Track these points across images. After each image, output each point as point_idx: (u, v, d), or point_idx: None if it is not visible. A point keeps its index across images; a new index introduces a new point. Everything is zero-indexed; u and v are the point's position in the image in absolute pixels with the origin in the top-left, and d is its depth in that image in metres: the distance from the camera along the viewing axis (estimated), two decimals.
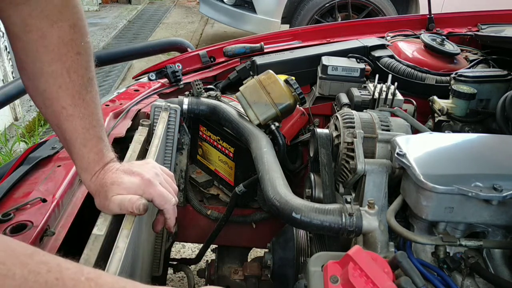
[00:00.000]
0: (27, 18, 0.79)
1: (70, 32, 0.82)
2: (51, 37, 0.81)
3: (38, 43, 0.81)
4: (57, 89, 0.83)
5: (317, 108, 1.61)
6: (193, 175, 1.64)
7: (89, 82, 0.86)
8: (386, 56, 1.72)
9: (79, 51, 0.84)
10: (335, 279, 0.75)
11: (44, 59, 0.82)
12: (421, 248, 0.95)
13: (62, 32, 0.82)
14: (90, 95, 0.86)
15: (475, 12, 2.14)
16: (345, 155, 1.13)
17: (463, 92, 1.38)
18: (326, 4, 4.25)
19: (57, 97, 0.84)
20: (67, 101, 0.84)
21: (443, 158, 0.96)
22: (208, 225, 1.56)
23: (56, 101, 0.84)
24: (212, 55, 1.76)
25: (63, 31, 0.82)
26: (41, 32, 0.80)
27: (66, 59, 0.83)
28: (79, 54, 0.84)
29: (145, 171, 0.89)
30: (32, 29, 0.80)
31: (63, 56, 0.82)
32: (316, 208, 0.97)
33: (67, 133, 0.86)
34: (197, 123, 1.59)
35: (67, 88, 0.83)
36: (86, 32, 0.86)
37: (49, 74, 0.83)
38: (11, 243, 0.54)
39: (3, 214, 0.86)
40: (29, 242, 0.79)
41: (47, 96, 0.84)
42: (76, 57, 0.84)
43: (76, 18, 0.83)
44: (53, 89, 0.83)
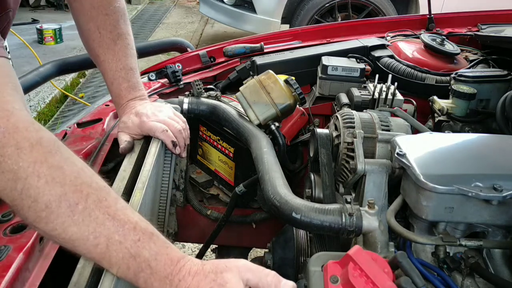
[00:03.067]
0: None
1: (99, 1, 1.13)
2: (85, 3, 1.12)
3: (78, 9, 1.14)
4: (92, 42, 1.15)
5: (317, 108, 1.61)
6: (193, 175, 1.64)
7: (118, 37, 1.15)
8: (386, 56, 1.72)
9: (107, 13, 1.14)
10: (335, 279, 0.75)
11: (82, 20, 1.15)
12: (421, 248, 0.95)
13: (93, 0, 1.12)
14: (118, 46, 1.15)
15: (475, 12, 2.14)
16: (345, 155, 1.13)
17: (463, 92, 1.38)
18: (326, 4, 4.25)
19: (93, 47, 1.16)
20: (99, 50, 1.15)
21: (443, 158, 0.96)
22: (208, 225, 1.56)
23: (92, 51, 1.17)
24: (212, 55, 1.76)
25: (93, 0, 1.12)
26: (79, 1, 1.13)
27: (96, 19, 1.13)
28: (107, 15, 1.14)
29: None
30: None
31: (94, 17, 1.13)
32: (316, 208, 0.97)
33: (102, 73, 1.18)
34: (197, 123, 1.59)
35: (99, 41, 1.14)
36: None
37: (86, 31, 1.15)
38: None
39: (3, 214, 0.86)
40: (29, 242, 0.79)
41: (87, 47, 1.18)
42: (104, 17, 1.13)
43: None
44: (89, 42, 1.16)
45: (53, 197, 0.68)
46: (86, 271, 0.75)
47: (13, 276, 0.72)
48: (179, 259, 0.73)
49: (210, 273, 0.71)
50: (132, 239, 0.70)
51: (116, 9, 1.15)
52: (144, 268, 0.70)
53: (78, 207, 0.69)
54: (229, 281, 0.70)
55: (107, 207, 0.71)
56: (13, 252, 0.77)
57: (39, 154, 0.70)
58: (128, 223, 0.71)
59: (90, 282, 0.75)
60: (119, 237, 0.70)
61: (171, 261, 0.72)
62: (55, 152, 0.72)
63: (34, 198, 0.68)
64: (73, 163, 0.73)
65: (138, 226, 0.72)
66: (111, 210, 0.71)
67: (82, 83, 4.69)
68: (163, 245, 0.73)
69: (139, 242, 0.71)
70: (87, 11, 1.12)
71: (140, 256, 0.70)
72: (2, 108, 0.70)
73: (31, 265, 0.79)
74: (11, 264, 0.74)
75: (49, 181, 0.69)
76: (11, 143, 0.69)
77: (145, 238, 0.71)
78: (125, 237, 0.70)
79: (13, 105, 0.72)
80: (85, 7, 1.12)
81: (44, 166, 0.69)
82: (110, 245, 0.70)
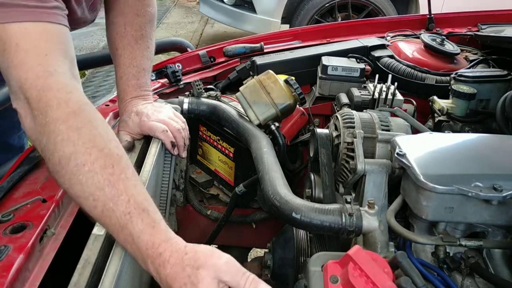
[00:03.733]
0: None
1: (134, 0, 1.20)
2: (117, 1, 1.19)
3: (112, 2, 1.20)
4: (115, 34, 1.20)
5: (317, 108, 1.61)
6: (193, 175, 1.64)
7: (141, 38, 1.20)
8: (386, 56, 1.72)
9: (137, 13, 1.20)
10: (335, 279, 0.75)
11: (113, 13, 1.21)
12: (421, 248, 0.95)
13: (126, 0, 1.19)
14: (138, 46, 1.20)
15: (475, 12, 2.14)
16: (345, 155, 1.13)
17: (463, 92, 1.38)
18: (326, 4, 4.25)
19: (114, 40, 1.20)
20: (119, 44, 1.20)
21: (443, 158, 0.96)
22: (208, 225, 1.56)
23: (113, 43, 1.21)
24: (212, 55, 1.76)
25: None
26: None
27: (126, 16, 1.19)
28: (137, 15, 1.20)
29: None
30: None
31: (124, 13, 1.19)
32: (316, 208, 0.97)
33: (115, 66, 1.21)
34: (197, 123, 1.59)
35: (121, 35, 1.19)
36: (149, 4, 1.22)
37: (113, 23, 1.21)
38: None
39: (3, 214, 0.86)
40: (29, 242, 0.79)
41: (109, 39, 1.22)
42: (134, 16, 1.20)
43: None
44: (112, 34, 1.21)
45: (64, 154, 0.75)
46: (86, 271, 0.75)
47: (13, 276, 0.72)
48: (160, 243, 0.74)
49: (187, 266, 0.72)
50: (122, 210, 0.74)
51: (147, 12, 1.22)
52: (129, 241, 0.74)
53: (84, 168, 0.75)
54: (201, 281, 0.70)
55: (111, 174, 0.75)
56: (13, 252, 0.77)
57: (62, 113, 0.77)
58: (124, 194, 0.75)
59: (90, 282, 0.75)
60: (113, 205, 0.74)
61: (153, 244, 0.73)
62: (78, 113, 0.78)
63: (51, 152, 0.77)
64: (92, 127, 0.79)
65: (132, 199, 0.75)
66: (113, 178, 0.75)
67: (82, 82, 4.69)
68: (149, 224, 0.75)
69: (128, 215, 0.74)
70: (120, 6, 1.19)
71: (126, 229, 0.74)
72: (45, 69, 0.80)
73: (31, 265, 0.79)
74: (11, 264, 0.74)
75: (65, 139, 0.76)
76: (44, 100, 0.78)
77: (135, 213, 0.74)
78: (117, 207, 0.74)
79: (55, 68, 0.81)
80: (120, 2, 1.19)
81: (64, 125, 0.76)
82: (104, 210, 0.75)
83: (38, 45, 0.81)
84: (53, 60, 0.81)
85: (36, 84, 0.79)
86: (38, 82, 0.79)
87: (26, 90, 0.79)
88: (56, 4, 0.86)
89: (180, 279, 0.71)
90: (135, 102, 1.20)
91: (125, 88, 1.20)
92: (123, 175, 0.77)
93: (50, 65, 0.80)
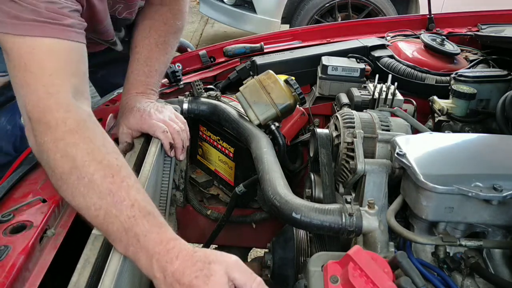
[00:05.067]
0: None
1: (165, 10, 1.27)
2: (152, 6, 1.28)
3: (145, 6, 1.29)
4: (138, 34, 1.26)
5: (317, 108, 1.61)
6: (193, 175, 1.64)
7: (162, 43, 1.25)
8: (386, 56, 1.72)
9: (166, 22, 1.26)
10: (335, 279, 0.75)
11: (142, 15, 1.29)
12: (421, 248, 0.95)
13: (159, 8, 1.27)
14: (157, 49, 1.24)
15: (475, 12, 2.14)
16: (345, 155, 1.13)
17: (463, 92, 1.38)
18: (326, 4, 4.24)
19: (136, 39, 1.26)
20: (139, 43, 1.25)
21: (443, 158, 0.96)
22: (208, 225, 1.56)
23: (134, 42, 1.26)
24: (212, 55, 1.76)
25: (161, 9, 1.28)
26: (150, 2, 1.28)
27: (154, 21, 1.26)
28: (165, 24, 1.26)
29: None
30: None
31: (153, 19, 1.26)
32: (316, 208, 0.97)
33: (130, 61, 1.24)
34: (197, 123, 1.59)
35: (143, 36, 1.25)
36: (179, 18, 1.29)
37: (139, 24, 1.28)
38: None
39: (3, 214, 0.86)
40: (29, 242, 0.79)
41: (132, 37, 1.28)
42: (161, 24, 1.26)
43: (176, 5, 1.29)
44: (136, 33, 1.27)
45: (64, 169, 0.80)
46: (86, 271, 0.75)
47: (13, 276, 0.72)
48: (169, 240, 0.75)
49: (198, 261, 0.73)
50: (127, 214, 0.76)
51: (175, 24, 1.28)
52: (133, 242, 0.75)
53: (84, 180, 0.78)
54: (214, 274, 0.71)
55: (111, 183, 0.78)
56: (13, 252, 0.77)
57: (60, 132, 0.82)
58: (127, 199, 0.77)
59: (90, 282, 0.75)
60: (116, 211, 0.76)
61: (161, 241, 0.74)
62: (76, 131, 0.82)
63: (53, 169, 0.81)
64: (90, 142, 0.82)
65: (136, 203, 0.77)
66: (115, 187, 0.78)
67: None
68: (156, 225, 0.76)
69: (133, 218, 0.75)
70: (152, 12, 1.27)
71: (131, 231, 0.75)
72: (47, 90, 0.84)
73: (31, 265, 0.79)
74: (11, 264, 0.74)
75: (64, 156, 0.80)
76: (43, 121, 0.83)
77: (140, 215, 0.76)
78: (121, 212, 0.76)
79: (58, 88, 0.85)
80: (151, 8, 1.27)
81: (62, 143, 0.81)
82: (107, 217, 0.76)
83: (43, 65, 0.85)
84: (57, 80, 0.85)
85: (38, 106, 0.83)
86: (40, 104, 0.83)
87: (29, 111, 0.84)
88: (72, 22, 0.89)
89: (190, 272, 0.71)
90: (139, 98, 1.20)
91: (133, 82, 1.22)
92: (124, 183, 0.79)
93: (52, 85, 0.84)
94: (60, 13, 0.86)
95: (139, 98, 1.21)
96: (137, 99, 1.20)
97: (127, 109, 1.19)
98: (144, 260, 0.75)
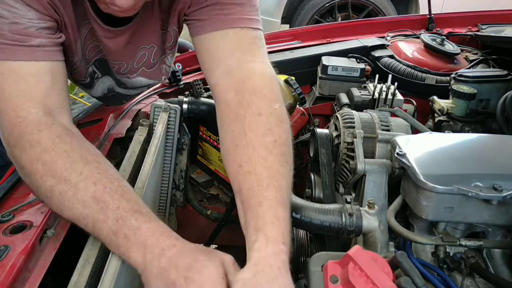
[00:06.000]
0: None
1: (250, 97, 0.88)
2: (231, 101, 0.90)
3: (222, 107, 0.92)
4: (235, 148, 0.85)
5: (317, 108, 1.61)
6: (193, 175, 1.64)
7: (273, 144, 0.83)
8: (386, 56, 1.72)
9: (260, 112, 0.86)
10: (335, 279, 0.75)
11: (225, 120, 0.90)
12: (421, 248, 0.95)
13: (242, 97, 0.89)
14: (272, 156, 0.82)
15: (475, 12, 2.14)
16: (345, 155, 1.13)
17: (463, 92, 1.38)
18: (326, 4, 4.24)
19: (235, 156, 0.85)
20: (243, 158, 0.83)
21: (443, 158, 0.96)
22: (208, 225, 1.56)
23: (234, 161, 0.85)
24: None
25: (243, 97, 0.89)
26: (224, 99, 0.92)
27: (243, 119, 0.86)
28: (260, 115, 0.86)
29: None
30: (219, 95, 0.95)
31: (240, 117, 0.87)
32: (316, 208, 0.97)
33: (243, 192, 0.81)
34: (197, 123, 1.59)
35: (243, 145, 0.84)
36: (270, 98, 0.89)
37: (229, 133, 0.88)
38: None
39: (3, 214, 0.86)
40: (29, 242, 0.79)
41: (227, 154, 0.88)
42: (255, 117, 0.86)
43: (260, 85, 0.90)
44: (231, 148, 0.86)
45: (47, 187, 0.79)
46: (86, 271, 0.75)
47: (13, 276, 0.72)
48: (162, 232, 0.74)
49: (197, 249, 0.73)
50: (114, 217, 0.75)
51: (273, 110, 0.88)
52: (124, 243, 0.74)
53: (67, 194, 0.78)
54: (210, 262, 0.70)
55: (95, 191, 0.77)
56: (13, 252, 0.77)
57: (35, 153, 0.80)
58: (111, 204, 0.76)
59: (90, 282, 0.75)
60: (103, 216, 0.76)
61: (153, 233, 0.74)
62: (52, 148, 0.81)
63: (36, 188, 0.82)
64: (67, 156, 0.81)
65: (122, 205, 0.76)
66: (98, 194, 0.77)
67: None
68: (145, 221, 0.75)
69: (120, 220, 0.75)
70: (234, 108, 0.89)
71: (121, 232, 0.75)
72: (17, 114, 0.83)
73: (31, 265, 0.79)
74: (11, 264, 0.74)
75: (43, 175, 0.79)
76: (19, 146, 0.82)
77: (127, 216, 0.75)
78: (107, 217, 0.76)
79: (28, 110, 0.83)
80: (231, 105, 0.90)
81: (39, 163, 0.80)
82: (95, 224, 0.76)
83: (11, 89, 0.84)
84: (27, 103, 0.84)
85: (13, 132, 0.83)
86: (14, 130, 0.83)
87: (6, 138, 0.85)
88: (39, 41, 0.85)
89: (185, 258, 0.70)
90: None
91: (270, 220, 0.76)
92: (107, 189, 0.78)
93: (22, 110, 0.83)
94: (24, 34, 0.83)
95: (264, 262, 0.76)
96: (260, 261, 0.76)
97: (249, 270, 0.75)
98: (136, 255, 0.73)
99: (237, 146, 0.84)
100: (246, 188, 0.80)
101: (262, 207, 0.76)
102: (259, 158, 0.81)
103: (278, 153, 0.83)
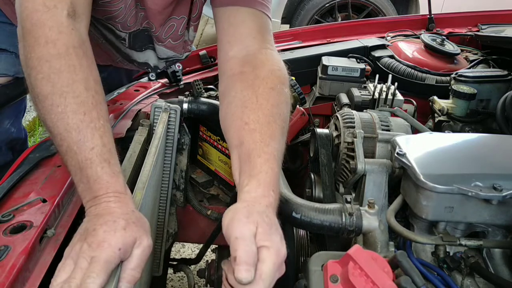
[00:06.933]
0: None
1: (267, 73, 0.97)
2: (248, 73, 0.97)
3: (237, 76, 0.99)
4: (243, 109, 0.92)
5: (317, 108, 1.61)
6: (193, 175, 1.64)
7: (278, 116, 0.91)
8: (386, 56, 1.72)
9: (273, 87, 0.95)
10: (335, 279, 0.75)
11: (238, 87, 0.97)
12: (421, 247, 0.95)
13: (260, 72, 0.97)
14: (275, 125, 0.90)
15: (475, 12, 2.15)
16: (345, 155, 1.13)
17: (463, 92, 1.38)
18: (326, 4, 4.24)
19: (242, 115, 0.92)
20: (251, 117, 0.90)
21: (443, 158, 0.96)
22: (208, 225, 1.55)
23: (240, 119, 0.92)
24: (212, 55, 1.76)
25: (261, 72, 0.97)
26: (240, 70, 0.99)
27: (258, 88, 0.94)
28: (272, 90, 0.94)
29: None
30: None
31: (255, 86, 0.94)
32: (316, 207, 0.97)
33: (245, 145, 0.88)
34: (197, 123, 1.59)
35: (253, 108, 0.91)
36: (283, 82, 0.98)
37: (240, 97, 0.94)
38: None
39: (3, 214, 0.86)
40: (29, 242, 0.79)
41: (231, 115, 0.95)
42: (268, 90, 0.94)
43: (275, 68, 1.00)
44: (238, 108, 0.93)
45: (42, 92, 0.79)
46: None
47: (13, 276, 0.72)
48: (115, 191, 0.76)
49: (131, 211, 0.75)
50: (85, 156, 0.77)
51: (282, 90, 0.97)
52: (84, 181, 0.77)
53: (57, 109, 0.78)
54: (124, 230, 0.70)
55: (81, 120, 0.78)
56: (13, 252, 0.77)
57: (47, 53, 0.79)
58: (89, 141, 0.78)
59: None
60: (76, 148, 0.77)
61: (106, 189, 0.76)
62: (63, 56, 0.80)
63: (32, 86, 0.80)
64: (73, 72, 0.80)
65: (97, 148, 0.78)
66: (83, 125, 0.78)
67: None
68: (108, 173, 0.77)
69: (89, 161, 0.77)
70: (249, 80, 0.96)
71: (85, 171, 0.77)
72: (44, 3, 0.81)
73: (31, 265, 0.79)
74: (11, 264, 0.74)
75: (45, 78, 0.78)
76: (33, 35, 0.80)
77: (97, 161, 0.77)
78: (80, 151, 0.77)
79: (55, 3, 0.82)
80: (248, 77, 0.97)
81: (46, 65, 0.79)
82: (68, 151, 0.78)
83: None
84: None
85: (32, 17, 0.81)
86: (34, 16, 0.81)
87: (22, 19, 0.82)
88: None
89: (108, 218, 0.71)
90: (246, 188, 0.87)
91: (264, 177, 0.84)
92: (92, 124, 0.79)
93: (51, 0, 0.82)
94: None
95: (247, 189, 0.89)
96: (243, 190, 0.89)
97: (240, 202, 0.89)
98: (85, 196, 0.77)
99: (246, 107, 0.92)
100: (249, 142, 0.87)
101: (261, 158, 0.85)
102: (265, 122, 0.89)
103: (280, 125, 0.91)
